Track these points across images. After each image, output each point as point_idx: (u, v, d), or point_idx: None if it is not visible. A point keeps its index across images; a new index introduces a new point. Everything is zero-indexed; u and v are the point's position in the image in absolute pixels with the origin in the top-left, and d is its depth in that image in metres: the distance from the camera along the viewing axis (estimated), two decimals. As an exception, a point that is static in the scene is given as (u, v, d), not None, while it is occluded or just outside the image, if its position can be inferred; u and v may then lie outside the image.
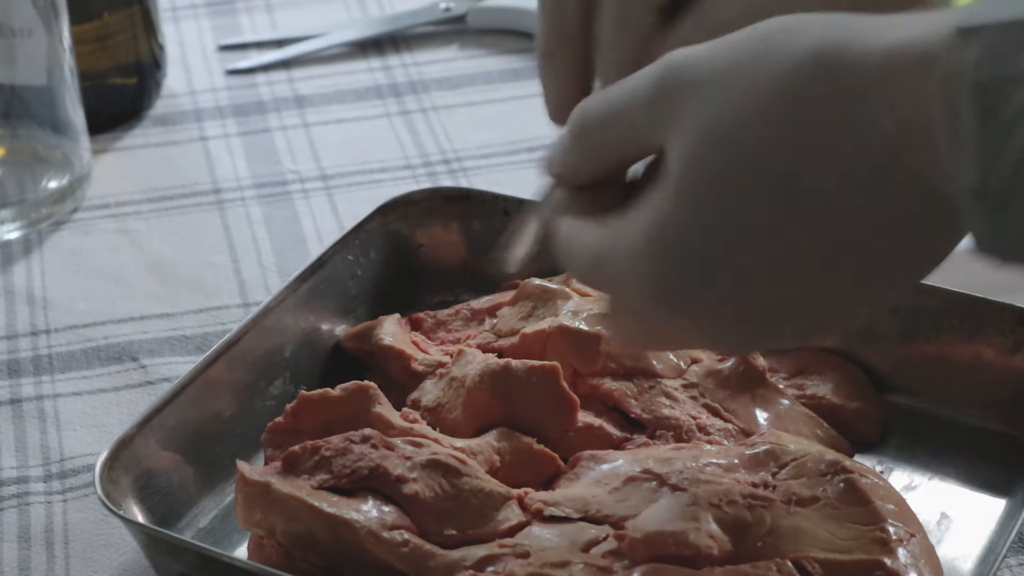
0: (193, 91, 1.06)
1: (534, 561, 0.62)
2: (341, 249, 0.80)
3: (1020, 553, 0.69)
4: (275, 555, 0.65)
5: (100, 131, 0.99)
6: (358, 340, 0.78)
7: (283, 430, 0.69)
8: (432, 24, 1.12)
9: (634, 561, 0.62)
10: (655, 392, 0.70)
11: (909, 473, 0.72)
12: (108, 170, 0.98)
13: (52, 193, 0.93)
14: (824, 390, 0.74)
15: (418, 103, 1.04)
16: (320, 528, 0.63)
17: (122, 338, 0.84)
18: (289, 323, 0.77)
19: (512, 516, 0.65)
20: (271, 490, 0.64)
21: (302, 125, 1.02)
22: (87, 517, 0.73)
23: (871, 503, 0.64)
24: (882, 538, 0.63)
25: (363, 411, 0.69)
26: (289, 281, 0.77)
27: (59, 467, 0.76)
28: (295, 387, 0.75)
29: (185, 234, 0.92)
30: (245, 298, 0.87)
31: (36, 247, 0.92)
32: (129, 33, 1.00)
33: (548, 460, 0.68)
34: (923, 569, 0.62)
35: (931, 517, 0.69)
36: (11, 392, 0.81)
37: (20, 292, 0.88)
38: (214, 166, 0.98)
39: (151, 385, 0.81)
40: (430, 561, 0.63)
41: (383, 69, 1.08)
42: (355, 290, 0.80)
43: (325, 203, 0.94)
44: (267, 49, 1.11)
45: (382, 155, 0.99)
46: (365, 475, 0.65)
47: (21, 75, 0.91)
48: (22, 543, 0.72)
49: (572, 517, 0.65)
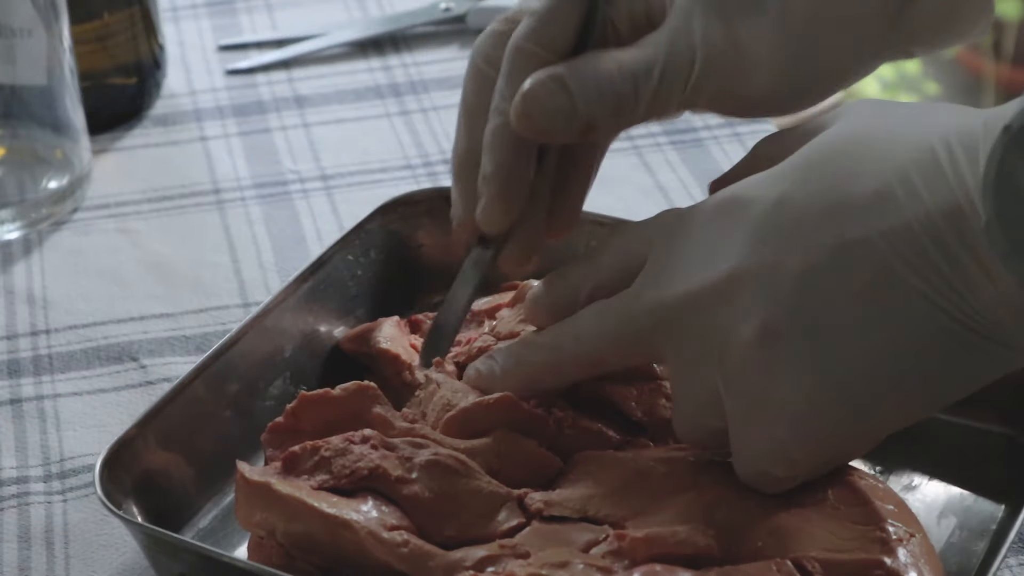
0: (193, 91, 1.06)
1: (534, 561, 0.62)
2: (341, 249, 0.80)
3: (1020, 553, 0.69)
4: (275, 555, 0.65)
5: (100, 131, 0.99)
6: (357, 342, 0.77)
7: (283, 430, 0.69)
8: (432, 24, 1.12)
9: (634, 561, 0.62)
10: (656, 394, 0.70)
11: (909, 473, 0.72)
12: (108, 170, 0.98)
13: (52, 193, 0.93)
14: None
15: (418, 103, 1.04)
16: (320, 528, 0.63)
17: (122, 338, 0.84)
18: (289, 323, 0.76)
19: (512, 517, 0.65)
20: (271, 490, 0.64)
21: (302, 125, 1.02)
22: (87, 517, 0.73)
23: (871, 503, 0.64)
24: (882, 538, 0.62)
25: (363, 411, 0.69)
26: (289, 281, 0.77)
27: (59, 467, 0.76)
28: (295, 387, 0.75)
29: (185, 234, 0.92)
30: (245, 298, 0.87)
31: (36, 247, 0.92)
32: (129, 33, 1.00)
33: (548, 461, 0.68)
34: (923, 569, 0.62)
35: (931, 517, 0.69)
36: (11, 392, 0.81)
37: (20, 292, 0.88)
38: (214, 166, 0.98)
39: (151, 385, 0.81)
40: (430, 561, 0.63)
41: (383, 69, 1.08)
42: (355, 290, 0.80)
43: (325, 203, 0.94)
44: (267, 49, 1.11)
45: (382, 155, 0.99)
46: (365, 475, 0.65)
47: (21, 75, 0.91)
48: (22, 543, 0.72)
49: (572, 517, 0.65)
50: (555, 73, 0.64)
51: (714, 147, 0.97)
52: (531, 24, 0.66)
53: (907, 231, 0.56)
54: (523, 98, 0.64)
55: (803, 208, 0.59)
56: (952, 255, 0.55)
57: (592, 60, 0.65)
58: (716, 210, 0.62)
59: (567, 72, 0.64)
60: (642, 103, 0.65)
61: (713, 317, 0.60)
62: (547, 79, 0.64)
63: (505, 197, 0.67)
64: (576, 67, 0.65)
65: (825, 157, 0.60)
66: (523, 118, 0.65)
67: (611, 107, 0.65)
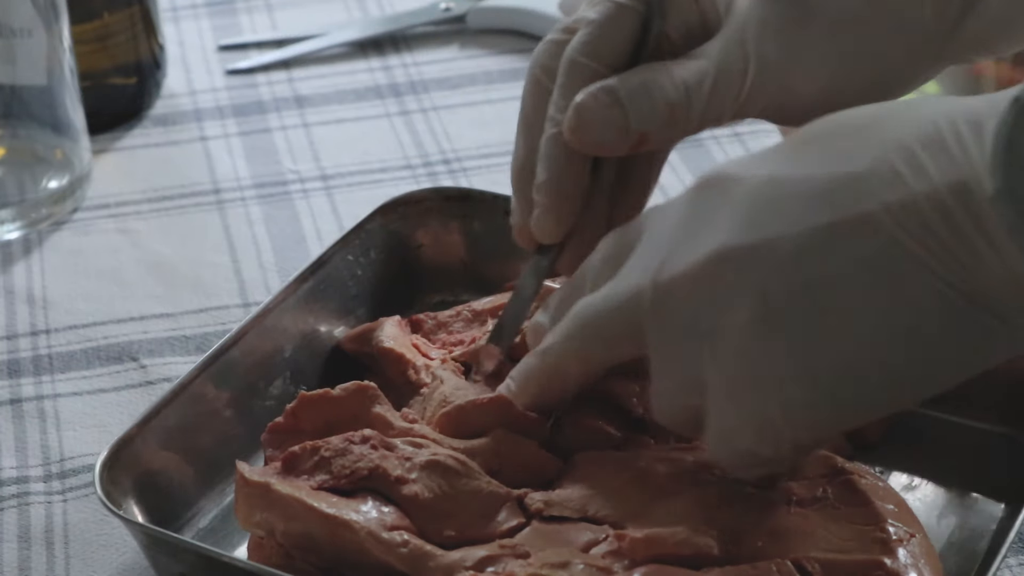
0: (193, 91, 1.06)
1: (534, 561, 0.62)
2: (341, 249, 0.80)
3: (1020, 553, 0.69)
4: (275, 555, 0.65)
5: (100, 131, 0.99)
6: (358, 342, 0.78)
7: (283, 430, 0.69)
8: (432, 24, 1.12)
9: (634, 561, 0.62)
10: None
11: (909, 473, 0.72)
12: (108, 170, 0.98)
13: (52, 193, 0.93)
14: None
15: (418, 103, 1.04)
16: (319, 528, 0.63)
17: (122, 338, 0.84)
18: (289, 323, 0.76)
19: (512, 517, 0.65)
20: (271, 490, 0.64)
21: (302, 125, 1.02)
22: (87, 517, 0.73)
23: (871, 503, 0.64)
24: (882, 538, 0.63)
25: (363, 411, 0.69)
26: (289, 281, 0.77)
27: (59, 467, 0.76)
28: (295, 387, 0.75)
29: (185, 234, 0.92)
30: (245, 298, 0.87)
31: (36, 247, 0.92)
32: (129, 33, 1.00)
33: (548, 462, 0.68)
34: (923, 569, 0.62)
35: (931, 517, 0.69)
36: (11, 392, 0.81)
37: (20, 292, 0.88)
38: (214, 166, 0.98)
39: (151, 385, 0.81)
40: (430, 562, 0.63)
41: (383, 69, 1.08)
42: (355, 290, 0.80)
43: (325, 203, 0.94)
44: (267, 49, 1.11)
45: (382, 155, 0.99)
46: (364, 475, 0.65)
47: (21, 75, 0.91)
48: (22, 543, 0.72)
49: (572, 517, 0.65)
50: (608, 86, 0.65)
51: (714, 147, 0.97)
52: (586, 36, 0.66)
53: (913, 206, 0.56)
54: (576, 111, 0.65)
55: (797, 184, 0.58)
56: (959, 229, 0.55)
57: (645, 73, 0.65)
58: (700, 190, 0.62)
59: (619, 85, 0.65)
60: (695, 115, 0.65)
61: (698, 296, 0.60)
62: (600, 92, 0.65)
63: (558, 207, 0.68)
64: (628, 80, 0.65)
65: (818, 137, 0.60)
66: (576, 131, 0.65)
67: (664, 120, 0.65)
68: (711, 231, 0.60)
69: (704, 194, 0.61)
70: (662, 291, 0.61)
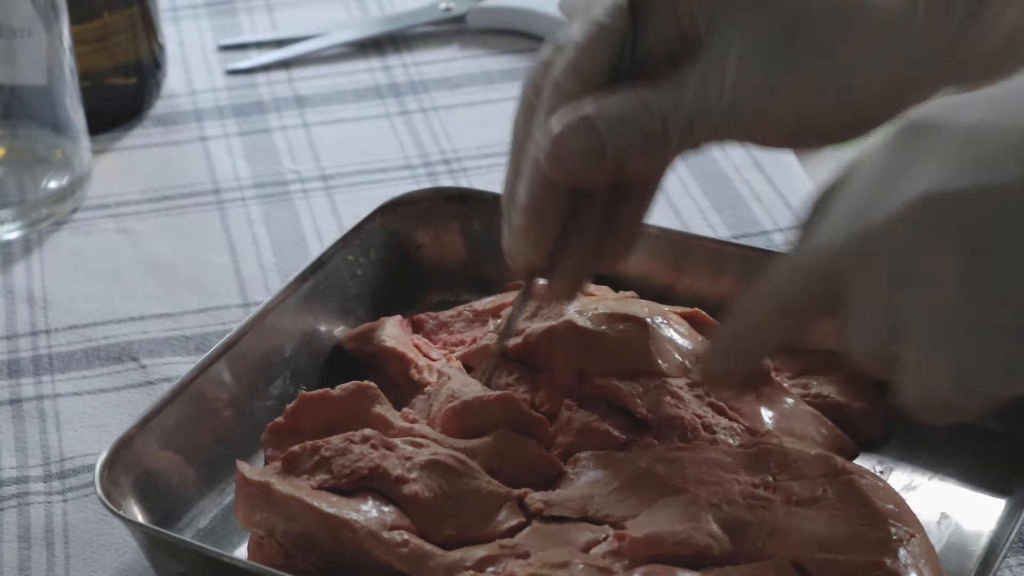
0: (193, 91, 1.06)
1: (534, 561, 0.62)
2: (341, 249, 0.80)
3: (1020, 553, 0.69)
4: (275, 555, 0.65)
5: (100, 131, 0.99)
6: (359, 341, 0.78)
7: (283, 430, 0.69)
8: (432, 24, 1.12)
9: (634, 561, 0.62)
10: (660, 391, 0.70)
11: (909, 473, 0.72)
12: (108, 170, 0.98)
13: (52, 193, 0.93)
14: (829, 390, 0.74)
15: (418, 103, 1.04)
16: (320, 528, 0.63)
17: (122, 338, 0.84)
18: (289, 323, 0.77)
19: (512, 516, 0.65)
20: (271, 490, 0.64)
21: (302, 125, 1.02)
22: (87, 517, 0.73)
23: (871, 503, 0.64)
24: (882, 538, 0.63)
25: (363, 411, 0.69)
26: (289, 281, 0.77)
27: (59, 467, 0.76)
28: (295, 387, 0.75)
29: (185, 234, 0.92)
30: (245, 298, 0.87)
31: (36, 247, 0.92)
32: (129, 33, 1.00)
33: (548, 462, 0.68)
34: (923, 569, 0.62)
35: (931, 517, 0.69)
36: (11, 392, 0.81)
37: (20, 292, 0.88)
38: (214, 166, 0.98)
39: (151, 385, 0.81)
40: (430, 561, 0.63)
41: (383, 69, 1.08)
42: (355, 290, 0.80)
43: (325, 203, 0.94)
44: (267, 49, 1.11)
45: (382, 155, 0.99)
46: (365, 475, 0.65)
47: (21, 75, 0.91)
48: (22, 543, 0.72)
49: (572, 517, 0.65)
50: (585, 116, 0.64)
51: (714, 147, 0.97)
52: (569, 59, 0.66)
53: None
54: (553, 143, 0.65)
55: (1013, 132, 0.57)
56: None
57: (623, 101, 0.65)
58: (903, 136, 0.60)
59: (597, 115, 0.64)
60: (672, 143, 0.65)
61: (905, 241, 0.58)
62: (578, 123, 0.64)
63: (534, 231, 0.67)
64: (606, 110, 0.64)
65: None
66: (553, 162, 0.65)
67: (640, 151, 0.65)
68: (918, 176, 0.58)
69: (908, 140, 0.60)
70: (867, 236, 0.59)
